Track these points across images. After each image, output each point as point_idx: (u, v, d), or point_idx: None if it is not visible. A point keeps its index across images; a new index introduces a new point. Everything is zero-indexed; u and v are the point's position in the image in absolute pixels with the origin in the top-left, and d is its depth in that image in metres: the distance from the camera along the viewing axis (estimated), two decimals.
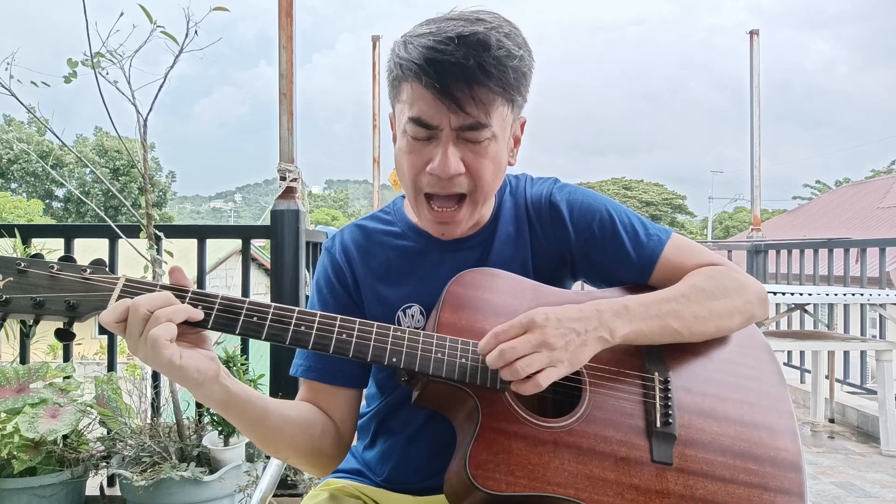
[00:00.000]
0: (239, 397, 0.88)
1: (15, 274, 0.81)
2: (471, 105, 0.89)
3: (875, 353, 3.42)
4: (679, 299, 0.97)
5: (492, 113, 0.91)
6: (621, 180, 47.23)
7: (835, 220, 18.62)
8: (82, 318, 0.83)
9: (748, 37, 5.61)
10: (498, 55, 0.87)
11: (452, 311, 0.94)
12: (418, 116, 0.91)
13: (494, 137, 0.94)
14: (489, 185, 0.97)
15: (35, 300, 0.81)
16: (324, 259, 1.12)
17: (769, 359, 1.05)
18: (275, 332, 0.85)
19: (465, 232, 1.06)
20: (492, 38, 0.87)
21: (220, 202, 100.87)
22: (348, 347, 0.86)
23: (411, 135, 0.93)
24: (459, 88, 0.87)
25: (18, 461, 2.16)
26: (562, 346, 0.84)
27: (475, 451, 0.84)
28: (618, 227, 1.06)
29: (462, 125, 0.90)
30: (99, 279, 0.83)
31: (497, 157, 0.96)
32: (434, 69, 0.87)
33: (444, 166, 0.91)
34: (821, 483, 2.95)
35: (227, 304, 0.84)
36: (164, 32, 2.24)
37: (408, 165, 0.95)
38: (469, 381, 0.88)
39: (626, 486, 0.87)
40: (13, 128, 32.30)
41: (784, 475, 0.94)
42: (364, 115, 7.57)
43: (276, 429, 0.94)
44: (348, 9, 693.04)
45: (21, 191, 33.51)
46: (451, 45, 0.86)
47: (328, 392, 1.04)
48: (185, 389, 0.87)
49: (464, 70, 0.86)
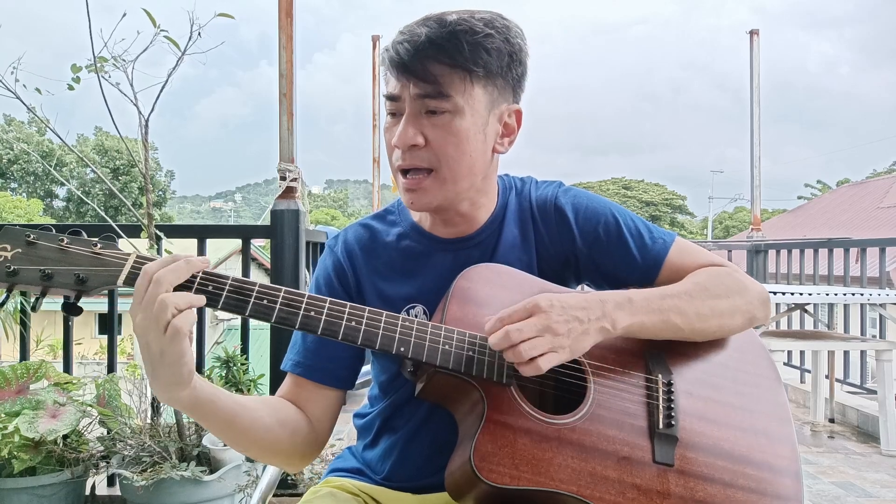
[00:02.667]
0: (205, 403, 0.88)
1: (24, 245, 0.81)
2: (422, 73, 0.94)
3: (875, 353, 3.42)
4: (682, 295, 0.98)
5: (448, 85, 0.94)
6: (621, 180, 47.23)
7: (835, 220, 18.62)
8: (91, 292, 0.83)
9: (748, 37, 5.61)
10: (454, 30, 0.94)
11: (460, 305, 0.95)
12: (388, 92, 0.98)
13: (458, 111, 0.96)
14: (453, 161, 0.97)
15: (43, 272, 0.80)
16: (326, 257, 1.13)
17: (768, 365, 1.06)
18: (285, 316, 0.85)
19: (465, 230, 1.07)
20: (452, 17, 0.95)
21: (220, 202, 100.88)
22: (357, 335, 0.87)
23: (387, 111, 1.00)
24: (412, 61, 0.94)
25: (18, 461, 2.16)
26: (564, 332, 0.86)
27: (480, 443, 0.84)
28: (623, 230, 1.07)
29: (419, 93, 0.95)
30: (109, 254, 0.83)
31: (461, 133, 0.97)
32: (395, 48, 0.95)
33: (402, 136, 0.96)
34: (821, 483, 2.95)
35: (238, 285, 0.85)
36: (167, 37, 2.25)
37: (386, 144, 1.01)
38: (476, 374, 0.88)
39: (628, 484, 0.88)
40: (13, 128, 32.31)
41: (782, 481, 0.95)
42: (364, 116, 7.57)
43: (243, 431, 0.94)
44: (350, 9, 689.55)
45: (21, 191, 33.51)
46: (416, 25, 0.96)
47: (312, 390, 1.04)
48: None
49: (415, 45, 0.93)
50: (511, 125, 1.04)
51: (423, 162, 0.97)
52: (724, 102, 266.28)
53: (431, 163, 0.97)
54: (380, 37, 7.31)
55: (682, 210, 46.87)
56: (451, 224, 1.07)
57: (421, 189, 0.98)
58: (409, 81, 0.95)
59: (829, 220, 18.86)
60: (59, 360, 2.75)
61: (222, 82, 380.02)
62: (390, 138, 0.99)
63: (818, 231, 16.76)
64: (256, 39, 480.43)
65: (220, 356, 2.52)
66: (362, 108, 8.09)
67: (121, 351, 7.44)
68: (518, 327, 0.84)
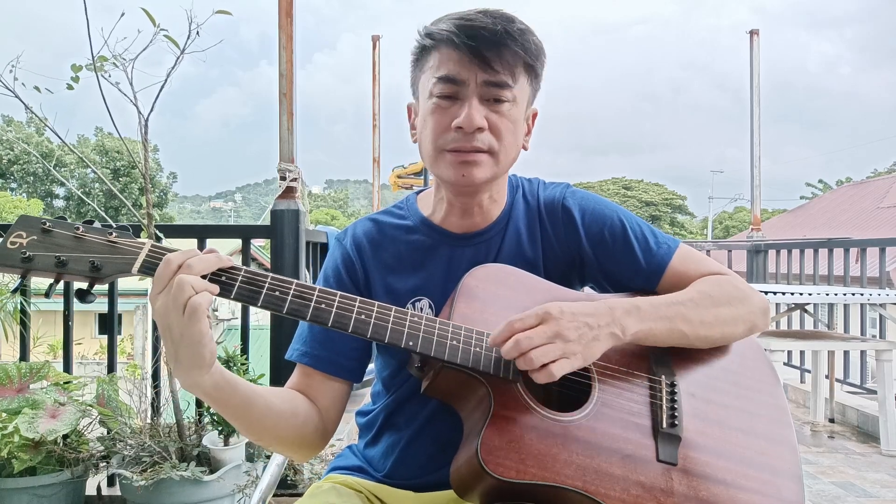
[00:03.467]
0: (225, 387, 0.89)
1: (39, 233, 0.82)
2: (497, 63, 0.96)
3: (875, 353, 3.42)
4: (687, 303, 0.99)
5: (516, 76, 0.98)
6: (621, 180, 47.24)
7: (835, 220, 18.63)
8: (104, 280, 0.84)
9: (748, 37, 5.62)
10: (520, 27, 0.98)
11: (467, 302, 0.96)
12: (446, 74, 0.97)
13: (515, 102, 1.00)
14: (509, 147, 1.01)
15: (59, 259, 0.81)
16: (334, 251, 1.14)
17: (768, 370, 1.08)
18: (296, 308, 0.87)
19: (477, 224, 1.09)
20: (514, 15, 0.99)
21: (220, 202, 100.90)
22: (366, 328, 0.88)
23: (438, 94, 0.99)
24: (488, 48, 0.95)
25: (18, 461, 2.16)
26: (575, 339, 0.87)
27: (487, 437, 0.85)
28: (629, 234, 1.08)
29: (488, 80, 0.97)
30: (124, 243, 0.85)
31: (516, 122, 1.02)
32: (465, 32, 0.95)
33: (469, 119, 0.96)
34: (821, 483, 2.95)
35: (251, 276, 0.87)
36: (167, 36, 2.25)
37: (433, 125, 1.00)
38: (483, 370, 0.89)
39: (633, 482, 0.88)
40: (13, 128, 32.31)
41: (784, 484, 0.96)
42: (364, 116, 7.60)
43: (260, 417, 0.95)
44: (350, 9, 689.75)
45: (21, 191, 33.52)
46: (480, 15, 0.96)
47: (320, 380, 1.06)
48: (185, 389, 0.87)
49: (493, 33, 0.95)
50: (530, 126, 1.09)
51: (482, 144, 0.99)
52: (724, 102, 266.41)
53: (490, 146, 1.00)
54: (380, 37, 7.31)
55: (682, 210, 46.88)
56: (468, 215, 1.08)
57: (478, 163, 1.00)
58: (479, 68, 0.96)
59: (830, 220, 18.87)
60: (60, 360, 2.75)
61: (223, 82, 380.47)
62: (443, 120, 0.99)
63: (818, 231, 16.76)
64: (257, 39, 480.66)
65: (220, 356, 2.52)
66: (362, 108, 8.13)
67: (121, 351, 7.45)
68: (528, 335, 0.85)
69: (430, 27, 1.00)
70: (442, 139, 1.00)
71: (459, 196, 1.06)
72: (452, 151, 1.00)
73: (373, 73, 7.30)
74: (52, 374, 2.46)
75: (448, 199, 1.08)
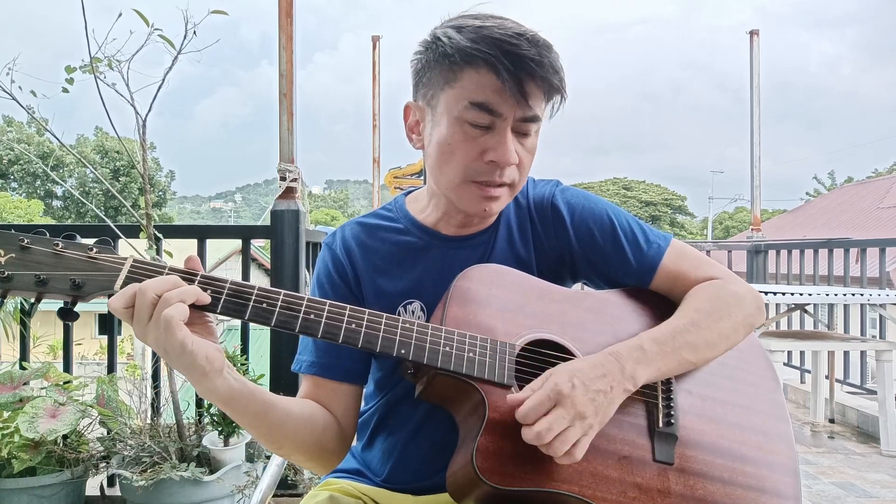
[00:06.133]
0: (242, 392, 0.87)
1: (17, 250, 0.78)
2: (534, 98, 0.93)
3: (875, 353, 3.42)
4: (690, 329, 0.97)
5: (544, 109, 0.97)
6: (622, 180, 47.23)
7: (835, 220, 18.62)
8: (87, 298, 0.81)
9: (748, 37, 5.62)
10: (554, 57, 0.93)
11: (460, 305, 0.94)
12: (484, 102, 0.92)
13: (537, 133, 0.99)
14: (525, 176, 1.01)
15: (38, 277, 0.78)
16: (324, 254, 1.12)
17: (765, 365, 1.07)
18: (284, 320, 0.84)
19: (474, 229, 1.08)
20: (550, 42, 0.93)
21: (220, 202, 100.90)
22: (357, 337, 0.86)
23: (470, 121, 0.93)
24: (527, 82, 0.91)
25: (18, 461, 2.16)
26: (592, 413, 0.84)
27: (482, 444, 0.84)
28: (618, 232, 1.07)
29: (523, 116, 0.93)
30: (105, 259, 0.82)
31: (534, 152, 1.00)
32: (510, 60, 0.89)
33: (507, 154, 0.93)
34: (821, 483, 2.95)
35: (237, 289, 0.83)
36: (162, 36, 2.24)
37: (463, 154, 0.95)
38: (476, 376, 0.88)
39: (629, 484, 0.88)
40: (13, 128, 32.30)
41: (780, 478, 0.96)
42: (365, 116, 7.59)
43: (280, 424, 0.93)
44: (351, 9, 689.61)
45: (21, 191, 33.51)
46: (521, 40, 0.90)
47: (330, 388, 1.04)
48: (185, 389, 0.86)
49: (539, 65, 0.90)
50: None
51: (508, 179, 0.97)
52: (724, 102, 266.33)
53: (513, 180, 0.98)
54: (380, 37, 7.31)
55: (682, 210, 46.87)
56: (467, 225, 1.07)
57: (499, 198, 0.99)
58: (517, 104, 0.92)
59: (830, 221, 18.87)
60: (59, 360, 2.75)
61: (223, 82, 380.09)
62: (473, 149, 0.95)
63: (818, 231, 16.76)
64: (257, 39, 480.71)
65: None
66: (362, 108, 8.13)
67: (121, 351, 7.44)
68: (548, 426, 0.81)
69: (459, 39, 0.92)
70: (472, 169, 0.96)
71: (467, 216, 1.05)
72: (481, 184, 0.97)
73: (373, 74, 7.31)
74: (52, 373, 2.46)
75: (447, 210, 1.06)
